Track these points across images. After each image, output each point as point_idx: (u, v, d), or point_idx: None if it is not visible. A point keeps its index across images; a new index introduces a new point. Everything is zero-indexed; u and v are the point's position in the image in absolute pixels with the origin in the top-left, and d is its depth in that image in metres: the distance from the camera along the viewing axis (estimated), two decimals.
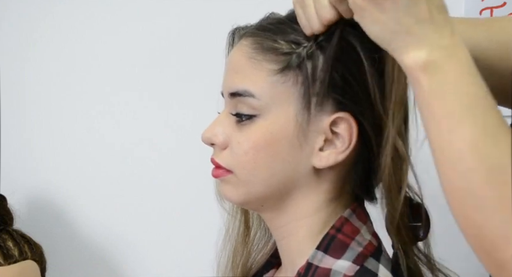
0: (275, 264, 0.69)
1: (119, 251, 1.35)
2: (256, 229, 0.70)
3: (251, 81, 0.55)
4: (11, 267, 1.01)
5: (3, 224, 1.11)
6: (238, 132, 0.57)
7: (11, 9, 1.37)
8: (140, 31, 1.30)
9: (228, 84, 0.58)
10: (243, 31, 0.60)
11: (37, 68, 1.37)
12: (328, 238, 0.56)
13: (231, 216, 0.69)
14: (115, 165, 1.33)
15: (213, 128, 0.59)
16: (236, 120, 0.57)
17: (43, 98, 1.37)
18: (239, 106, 0.56)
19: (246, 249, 0.69)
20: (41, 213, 1.37)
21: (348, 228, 0.57)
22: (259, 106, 0.55)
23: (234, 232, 0.69)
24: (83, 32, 1.34)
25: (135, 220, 1.33)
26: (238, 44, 0.59)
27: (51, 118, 1.37)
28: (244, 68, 0.56)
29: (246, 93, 0.55)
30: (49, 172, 1.38)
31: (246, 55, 0.56)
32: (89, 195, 1.35)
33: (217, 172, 0.60)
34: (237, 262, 0.69)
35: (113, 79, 1.32)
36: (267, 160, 0.56)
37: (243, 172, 0.57)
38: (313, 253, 0.56)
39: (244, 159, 0.56)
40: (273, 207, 0.59)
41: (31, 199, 1.38)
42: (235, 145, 0.57)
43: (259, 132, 0.55)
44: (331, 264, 0.55)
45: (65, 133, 1.36)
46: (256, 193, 0.58)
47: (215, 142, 0.59)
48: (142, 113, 1.31)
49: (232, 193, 0.59)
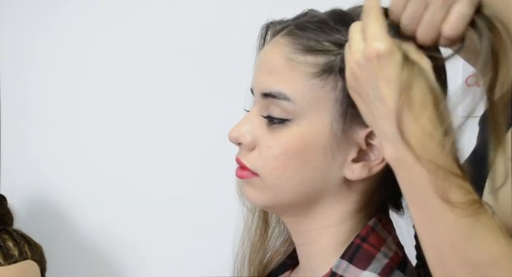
0: (290, 266, 0.67)
1: (119, 251, 1.35)
2: (275, 226, 0.67)
3: (287, 83, 0.52)
4: (11, 267, 1.01)
5: (3, 224, 1.11)
6: (268, 134, 0.54)
7: (12, 9, 1.37)
8: (144, 31, 1.30)
9: (261, 84, 0.55)
10: (279, 27, 0.56)
11: (37, 68, 1.37)
12: (354, 247, 0.54)
13: (250, 212, 0.66)
14: (115, 165, 1.33)
15: (240, 127, 0.56)
16: (267, 121, 0.54)
17: (43, 98, 1.37)
18: (271, 108, 0.53)
19: (263, 246, 0.66)
20: (41, 213, 1.37)
21: (373, 238, 0.55)
22: (294, 110, 0.52)
23: (252, 228, 0.66)
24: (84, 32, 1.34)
25: (135, 220, 1.33)
26: (274, 41, 0.55)
27: (51, 118, 1.37)
28: (281, 69, 0.53)
29: (281, 95, 0.52)
30: (49, 172, 1.38)
31: (283, 55, 0.53)
32: (89, 195, 1.35)
33: (243, 174, 0.56)
34: (253, 260, 0.67)
35: (113, 79, 1.32)
36: (297, 168, 0.53)
37: (271, 177, 0.54)
38: (337, 262, 0.54)
39: (274, 165, 0.53)
40: (298, 213, 0.57)
41: (31, 199, 1.38)
42: (265, 149, 0.54)
43: (292, 138, 0.52)
44: (357, 275, 0.53)
45: (65, 133, 1.36)
46: (282, 199, 0.55)
47: (242, 142, 0.56)
48: (143, 113, 1.31)
49: (256, 197, 0.56)
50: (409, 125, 0.44)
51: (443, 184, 0.44)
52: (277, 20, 0.58)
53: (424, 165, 0.44)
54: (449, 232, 0.44)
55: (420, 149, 0.44)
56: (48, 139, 1.37)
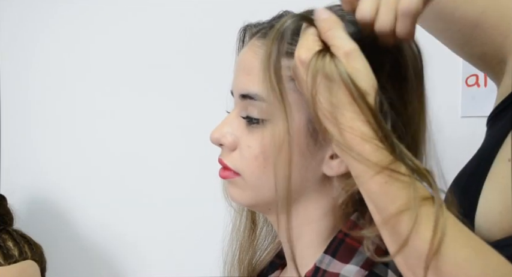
0: (279, 265, 0.68)
1: (119, 251, 1.36)
2: (263, 226, 0.69)
3: (263, 85, 0.53)
4: (11, 267, 1.01)
5: (3, 224, 1.11)
6: (248, 134, 0.55)
7: (12, 9, 1.37)
8: (142, 32, 1.30)
9: (239, 86, 0.56)
10: (255, 29, 0.58)
11: (37, 68, 1.37)
12: (336, 242, 0.56)
13: (237, 213, 0.68)
14: (115, 165, 1.33)
15: (221, 128, 0.58)
16: (246, 122, 0.55)
17: (43, 98, 1.37)
18: (250, 109, 0.55)
19: (252, 246, 0.68)
20: (41, 213, 1.37)
21: (356, 232, 0.55)
22: (271, 111, 0.53)
23: (240, 229, 0.68)
24: (84, 32, 1.34)
25: (135, 220, 1.33)
26: (250, 44, 0.57)
27: (51, 118, 1.37)
28: (257, 71, 0.53)
29: (257, 97, 0.53)
30: (49, 172, 1.38)
31: (258, 57, 0.54)
32: (89, 195, 1.35)
33: (225, 174, 0.58)
34: (242, 260, 0.68)
35: (113, 79, 1.32)
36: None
37: (252, 176, 0.55)
38: (320, 257, 0.55)
39: (254, 164, 0.55)
40: (280, 211, 0.57)
41: (31, 199, 1.38)
42: (245, 149, 0.55)
43: (270, 138, 0.53)
44: (340, 269, 0.54)
45: (65, 133, 1.36)
46: (264, 198, 0.56)
47: (224, 143, 0.58)
48: (143, 113, 1.31)
49: (239, 196, 0.58)
50: (339, 123, 0.46)
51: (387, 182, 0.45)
52: (253, 23, 0.60)
53: (363, 164, 0.46)
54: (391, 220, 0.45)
55: (355, 147, 0.46)
56: (48, 139, 1.37)
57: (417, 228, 0.44)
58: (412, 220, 0.44)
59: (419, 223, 0.44)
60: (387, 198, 0.45)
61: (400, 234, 0.45)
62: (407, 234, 0.44)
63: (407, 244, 0.44)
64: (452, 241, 0.44)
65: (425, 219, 0.44)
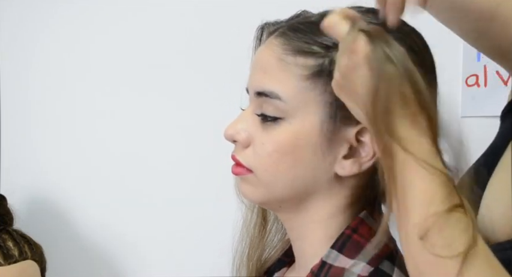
0: (287, 263, 0.68)
1: (119, 251, 1.36)
2: (273, 223, 0.69)
3: (279, 83, 0.54)
4: (11, 267, 1.01)
5: (3, 224, 1.11)
6: (262, 132, 0.55)
7: (12, 9, 1.37)
8: (143, 31, 1.30)
9: (255, 83, 0.56)
10: (273, 28, 0.58)
11: (37, 68, 1.37)
12: (344, 237, 0.56)
13: (248, 209, 0.68)
14: (115, 165, 1.34)
15: (235, 125, 0.58)
16: (261, 119, 0.55)
17: (43, 98, 1.37)
18: (265, 106, 0.55)
19: (262, 242, 0.68)
20: (41, 213, 1.37)
21: (363, 229, 0.56)
22: (286, 109, 0.53)
23: (251, 225, 0.68)
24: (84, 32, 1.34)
25: (135, 220, 1.33)
26: (268, 42, 0.57)
27: (51, 118, 1.37)
28: (273, 69, 0.54)
29: (273, 94, 0.54)
30: (49, 172, 1.38)
31: (275, 56, 0.54)
32: (89, 195, 1.35)
33: (238, 170, 0.58)
34: (251, 256, 0.68)
35: (113, 79, 1.32)
36: (290, 165, 0.54)
37: (265, 174, 0.56)
38: (327, 252, 0.55)
39: (267, 161, 0.55)
40: (291, 208, 0.58)
41: (31, 199, 1.38)
42: (259, 146, 0.55)
43: (284, 136, 0.54)
44: (346, 264, 0.54)
45: (65, 133, 1.36)
46: (275, 195, 0.57)
47: (237, 140, 0.57)
48: (143, 113, 1.31)
49: (251, 193, 0.58)
50: (391, 114, 0.46)
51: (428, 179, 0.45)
52: (271, 21, 0.60)
53: (411, 158, 0.45)
54: (422, 223, 0.45)
55: (406, 141, 0.46)
56: (48, 139, 1.37)
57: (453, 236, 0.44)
58: (449, 229, 0.44)
59: (453, 235, 0.44)
60: (426, 196, 0.45)
61: (426, 238, 0.44)
62: (440, 242, 0.44)
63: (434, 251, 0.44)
64: (479, 259, 0.43)
65: (462, 230, 0.44)
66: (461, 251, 0.42)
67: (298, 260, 0.62)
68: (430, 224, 0.44)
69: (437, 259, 0.43)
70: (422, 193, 0.45)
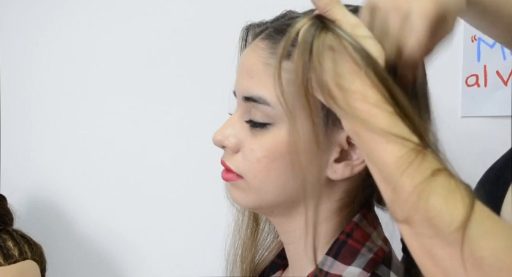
0: (281, 266, 0.68)
1: (119, 251, 1.36)
2: (265, 223, 0.68)
3: (267, 88, 0.52)
4: (11, 267, 1.01)
5: (3, 224, 1.11)
6: (251, 137, 0.54)
7: (13, 9, 1.37)
8: (142, 31, 1.30)
9: (242, 88, 0.55)
10: (258, 29, 0.57)
11: (37, 68, 1.37)
12: (339, 243, 0.55)
13: (239, 212, 0.67)
14: (115, 165, 1.33)
15: (224, 130, 0.57)
16: (249, 125, 0.54)
17: (43, 98, 1.37)
18: (253, 112, 0.54)
19: (254, 243, 0.68)
20: (41, 213, 1.37)
21: (358, 234, 0.55)
22: (274, 115, 0.52)
23: (243, 227, 0.68)
24: (84, 32, 1.34)
25: (135, 220, 1.33)
26: (253, 45, 0.55)
27: (51, 118, 1.37)
28: (260, 74, 0.53)
29: (261, 100, 0.52)
30: (49, 172, 1.38)
31: (262, 60, 0.53)
32: (89, 194, 1.35)
33: (228, 176, 0.57)
34: (245, 258, 0.68)
35: (113, 80, 1.32)
36: (280, 170, 0.53)
37: (255, 180, 0.55)
38: (323, 259, 0.55)
39: (257, 167, 0.54)
40: (283, 213, 0.57)
41: (31, 199, 1.38)
42: (248, 152, 0.54)
43: (273, 142, 0.53)
44: (342, 271, 0.54)
45: (65, 133, 1.36)
46: (266, 201, 0.56)
47: (226, 146, 0.57)
48: (142, 113, 1.31)
49: (242, 199, 0.57)
50: (349, 93, 0.45)
51: (398, 151, 0.43)
52: (256, 22, 0.59)
53: (376, 133, 0.43)
54: (410, 196, 0.42)
55: (367, 117, 0.44)
56: (48, 139, 1.37)
57: (447, 202, 0.40)
58: (440, 196, 0.41)
59: (448, 197, 0.41)
60: (403, 172, 0.42)
61: (421, 210, 0.41)
62: (436, 211, 0.40)
63: (433, 222, 0.41)
64: (477, 213, 0.40)
65: (451, 192, 0.41)
66: (462, 219, 0.40)
67: (292, 263, 0.61)
68: (416, 196, 0.41)
69: (440, 239, 0.41)
70: (395, 168, 0.42)
